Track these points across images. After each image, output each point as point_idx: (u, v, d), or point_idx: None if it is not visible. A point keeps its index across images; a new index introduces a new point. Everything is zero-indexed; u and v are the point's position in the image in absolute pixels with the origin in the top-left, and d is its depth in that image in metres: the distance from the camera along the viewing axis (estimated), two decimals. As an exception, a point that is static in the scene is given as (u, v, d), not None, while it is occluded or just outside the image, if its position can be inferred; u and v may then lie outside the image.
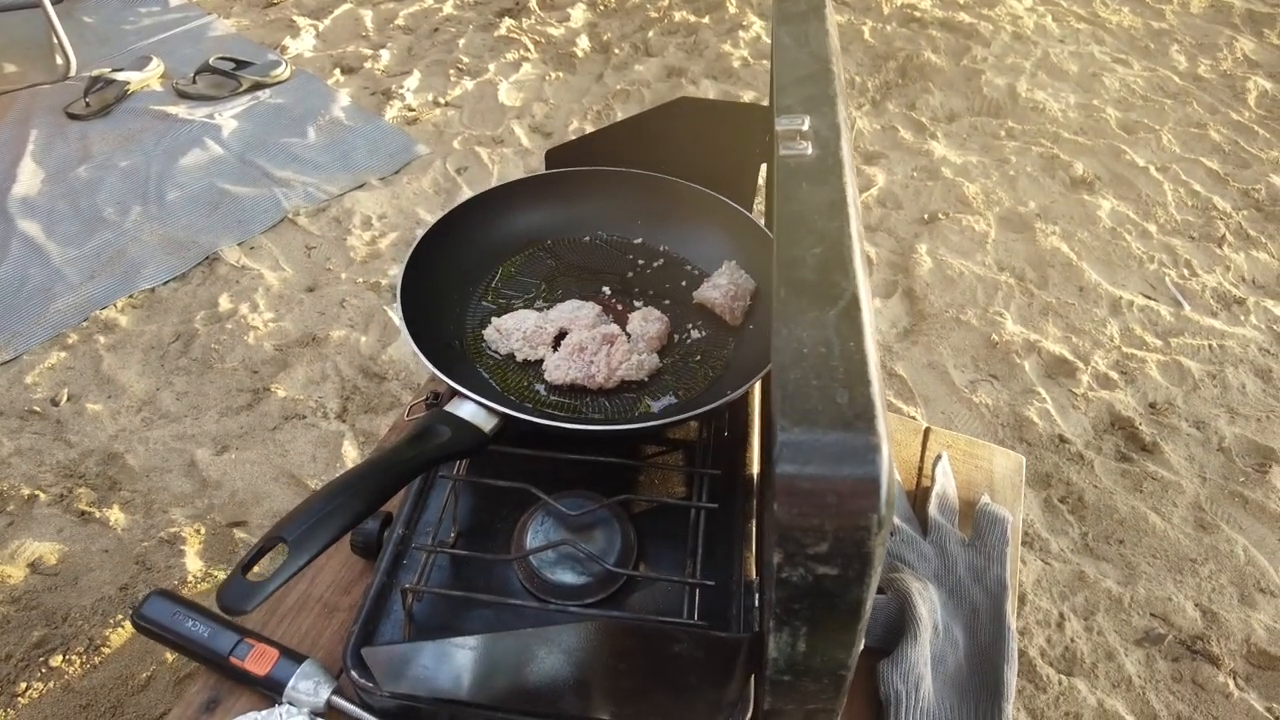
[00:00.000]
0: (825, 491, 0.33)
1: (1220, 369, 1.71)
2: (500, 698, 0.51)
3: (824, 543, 0.34)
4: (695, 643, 0.42)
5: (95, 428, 1.54)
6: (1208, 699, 1.22)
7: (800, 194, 0.47)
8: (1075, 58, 2.74)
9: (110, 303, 1.78)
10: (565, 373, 0.68)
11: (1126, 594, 1.33)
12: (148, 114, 2.36)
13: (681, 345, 0.73)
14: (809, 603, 0.36)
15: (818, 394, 0.35)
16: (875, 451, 0.33)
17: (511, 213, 0.81)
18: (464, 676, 0.49)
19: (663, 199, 0.81)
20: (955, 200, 2.10)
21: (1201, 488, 1.48)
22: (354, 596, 0.64)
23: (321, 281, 1.82)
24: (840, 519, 0.33)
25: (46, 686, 1.19)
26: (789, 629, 0.38)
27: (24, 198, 2.06)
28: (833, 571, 0.35)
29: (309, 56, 2.63)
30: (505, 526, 0.63)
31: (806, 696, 0.43)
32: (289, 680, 0.56)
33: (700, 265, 0.80)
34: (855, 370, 0.36)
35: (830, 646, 0.39)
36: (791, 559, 0.34)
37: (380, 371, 1.61)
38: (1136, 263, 1.96)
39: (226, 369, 1.64)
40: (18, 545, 1.35)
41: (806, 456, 0.33)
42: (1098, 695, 1.20)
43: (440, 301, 0.73)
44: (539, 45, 2.67)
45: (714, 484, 0.64)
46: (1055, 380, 1.67)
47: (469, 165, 2.15)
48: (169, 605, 0.60)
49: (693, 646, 0.42)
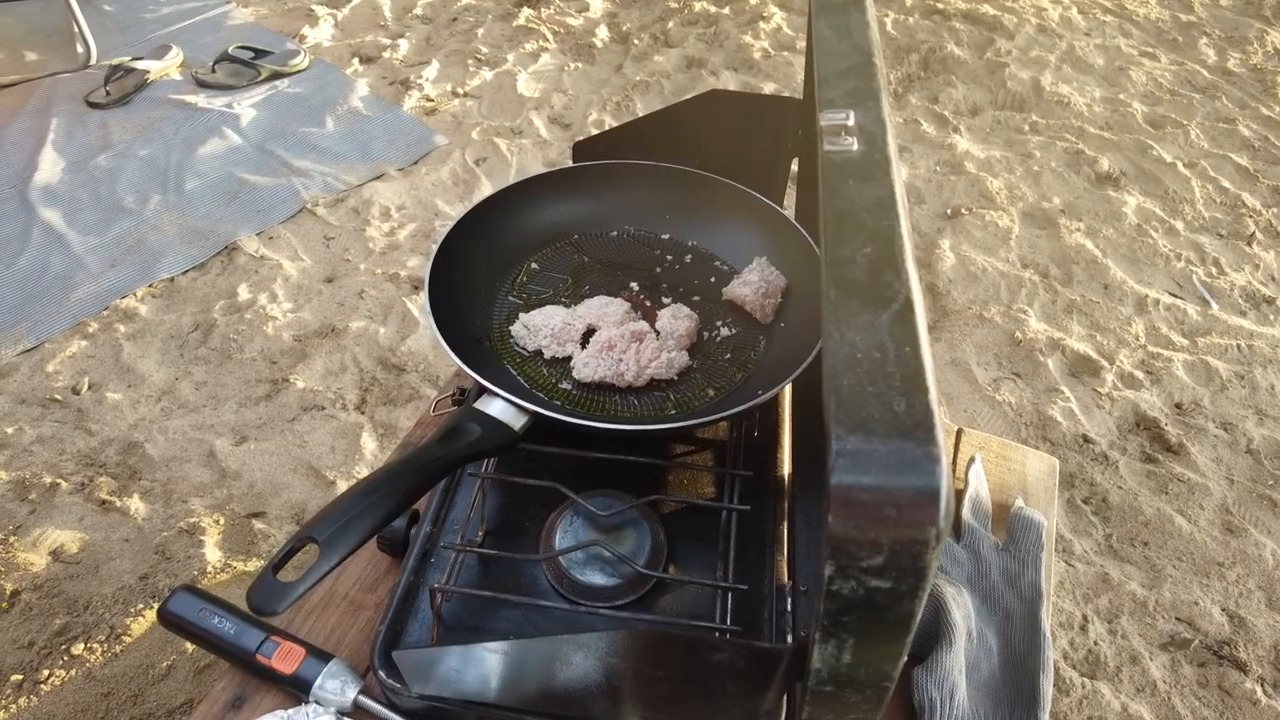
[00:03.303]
0: (883, 503, 0.32)
1: (1249, 369, 1.68)
2: (529, 702, 0.51)
3: (879, 556, 0.32)
4: (736, 652, 0.41)
5: (115, 417, 1.55)
6: (1234, 705, 1.20)
7: (847, 191, 0.45)
8: (1101, 51, 2.70)
9: (130, 291, 1.78)
10: (594, 370, 0.67)
11: (1151, 597, 1.31)
12: (167, 103, 2.36)
13: (711, 343, 0.72)
14: (858, 615, 0.35)
15: (874, 401, 0.34)
16: (935, 462, 0.32)
17: (538, 206, 0.80)
18: (493, 680, 0.48)
19: (691, 193, 0.80)
20: (978, 195, 2.07)
21: (1229, 490, 1.46)
22: (380, 594, 0.63)
23: (340, 272, 1.81)
24: (897, 531, 0.32)
25: (68, 674, 1.20)
26: (835, 640, 0.37)
27: (45, 186, 2.07)
28: (886, 585, 0.33)
29: (327, 46, 2.62)
30: (533, 525, 0.62)
31: (847, 707, 0.42)
32: (316, 679, 0.56)
33: (730, 261, 0.78)
34: (912, 376, 0.35)
35: (876, 659, 0.38)
36: (843, 571, 0.33)
37: (399, 363, 1.61)
38: (1163, 260, 1.93)
39: (245, 359, 1.64)
40: (40, 533, 1.35)
41: (864, 467, 0.32)
42: (1121, 699, 1.19)
43: (467, 296, 0.72)
44: (558, 36, 2.65)
45: (745, 485, 0.63)
46: (1079, 379, 1.64)
47: (488, 156, 2.14)
48: (195, 601, 0.60)
49: (733, 655, 0.41)
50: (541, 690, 0.49)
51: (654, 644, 0.43)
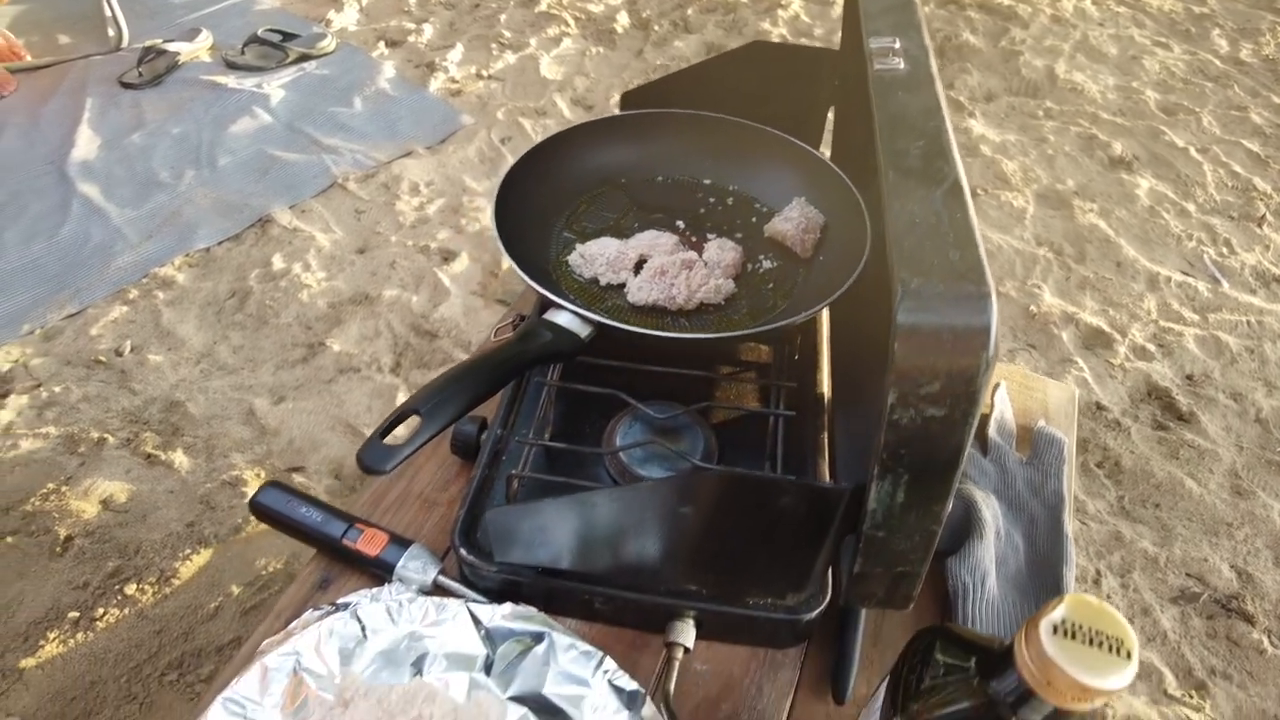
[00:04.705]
0: (942, 332, 0.37)
1: (1258, 344, 1.72)
2: (599, 564, 0.55)
3: (936, 382, 0.37)
4: (799, 494, 0.46)
5: (157, 377, 1.60)
6: (1242, 655, 1.24)
7: (898, 100, 0.50)
8: (1115, 40, 2.74)
9: (168, 261, 1.84)
10: (647, 294, 0.72)
11: (1162, 554, 1.35)
12: (198, 83, 2.42)
13: (754, 274, 0.77)
14: (914, 448, 0.40)
15: (932, 254, 0.39)
16: (986, 299, 0.37)
17: (588, 151, 0.85)
18: (569, 542, 0.53)
19: (732, 140, 0.84)
20: (993, 177, 2.11)
21: (1238, 456, 1.50)
22: (451, 493, 0.68)
23: (372, 244, 1.87)
24: (953, 359, 0.37)
25: (122, 613, 1.25)
26: (891, 476, 0.42)
27: (83, 161, 2.13)
28: (940, 413, 0.38)
29: (353, 30, 2.68)
30: (594, 431, 0.67)
31: (896, 557, 0.47)
32: (399, 561, 0.61)
33: (769, 203, 0.83)
34: (963, 235, 0.40)
35: (926, 499, 0.43)
36: (904, 400, 0.38)
37: (432, 329, 1.66)
38: (1174, 240, 1.97)
39: (281, 324, 1.69)
40: (90, 484, 1.41)
41: (925, 304, 0.37)
42: (1133, 648, 1.23)
43: (526, 231, 0.77)
44: (579, 21, 2.70)
45: (789, 395, 0.68)
46: (1092, 351, 1.69)
47: (513, 136, 2.19)
48: (283, 494, 0.65)
49: (797, 498, 0.46)
50: (611, 552, 0.54)
51: (726, 486, 0.47)
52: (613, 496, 0.49)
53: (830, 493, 0.45)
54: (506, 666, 0.55)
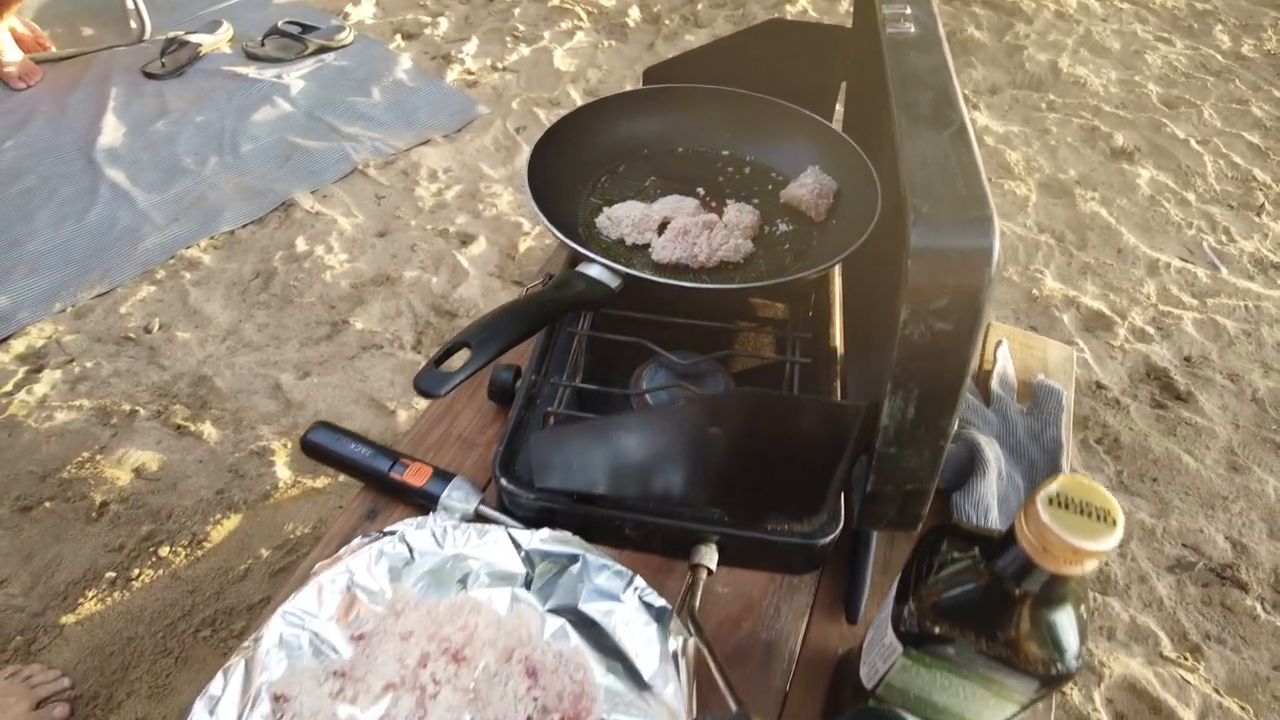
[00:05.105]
0: (950, 253, 0.41)
1: (1256, 327, 1.76)
2: (632, 489, 0.60)
3: (944, 297, 0.42)
4: (819, 411, 0.51)
5: (185, 353, 1.66)
6: (1235, 620, 1.29)
7: (909, 60, 0.55)
8: (1118, 36, 2.78)
9: (193, 243, 1.89)
10: (671, 253, 0.76)
11: (1159, 525, 1.39)
12: (219, 74, 2.48)
13: (770, 236, 0.81)
14: (923, 362, 0.45)
15: (941, 185, 0.43)
16: (989, 223, 0.42)
17: (613, 123, 0.89)
18: (606, 466, 0.58)
19: (750, 113, 0.89)
20: (997, 166, 2.16)
21: (1234, 433, 1.54)
22: (489, 435, 0.73)
23: (392, 228, 1.92)
24: (960, 276, 0.42)
25: (156, 573, 1.30)
26: (903, 391, 0.46)
27: (109, 148, 2.18)
28: (948, 327, 0.43)
29: (370, 23, 2.73)
30: (621, 378, 0.71)
31: (906, 474, 0.52)
32: (443, 492, 0.66)
33: (784, 172, 0.88)
34: (969, 170, 0.44)
35: (934, 413, 0.47)
36: (916, 315, 0.43)
37: (452, 309, 1.71)
38: (1174, 228, 2.01)
39: (305, 303, 1.74)
40: (123, 453, 1.46)
41: (935, 229, 0.42)
42: (1130, 613, 1.28)
43: (556, 196, 0.82)
44: (591, 15, 2.75)
45: (804, 345, 0.73)
46: (1093, 333, 1.73)
47: (528, 125, 2.24)
48: (332, 433, 0.70)
49: (816, 416, 0.50)
50: (642, 476, 0.58)
51: (752, 405, 0.52)
52: (649, 417, 0.53)
53: (847, 410, 0.49)
54: (545, 583, 0.60)
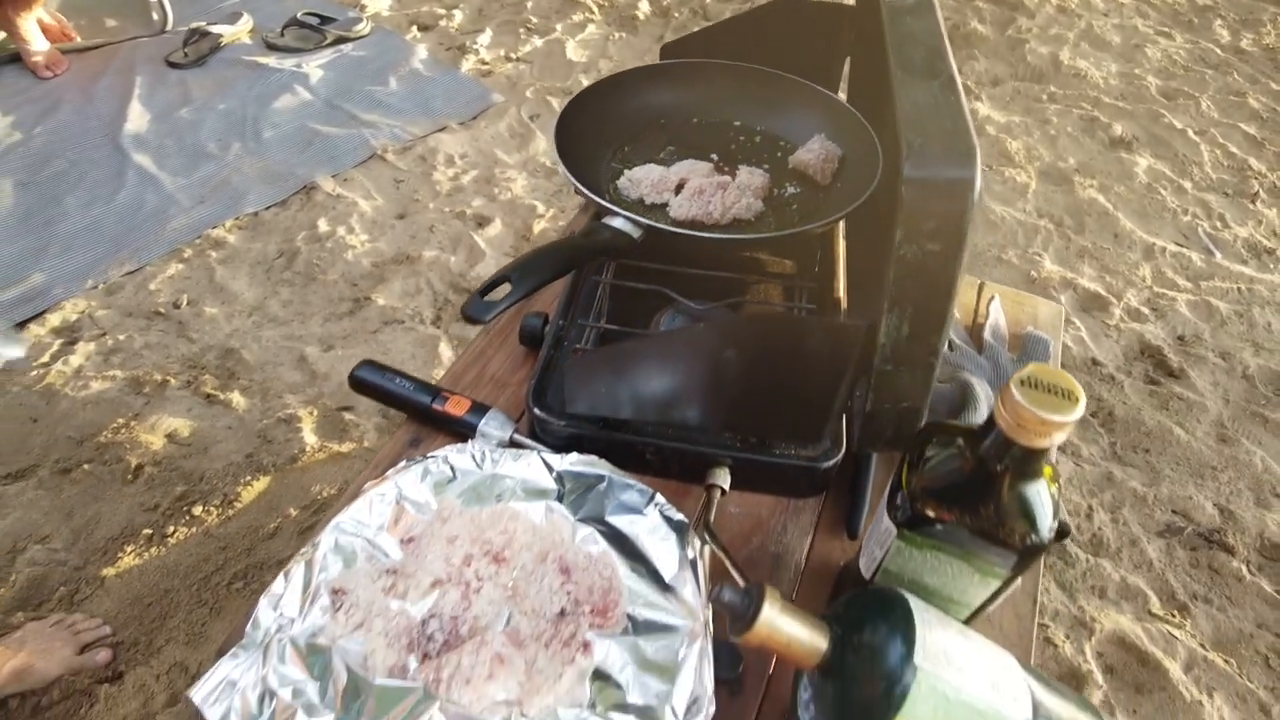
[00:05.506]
0: (938, 181, 0.48)
1: (1248, 309, 1.82)
2: (653, 414, 0.66)
3: (933, 221, 0.48)
4: (825, 331, 0.57)
5: (213, 327, 1.72)
6: (1221, 582, 1.34)
7: (906, 25, 0.61)
8: (1118, 30, 2.83)
9: (219, 223, 1.96)
10: (687, 210, 0.82)
11: (1150, 493, 1.45)
12: (240, 63, 2.55)
13: (779, 198, 0.87)
14: (915, 280, 0.51)
15: (931, 124, 0.49)
16: (971, 155, 0.48)
17: (633, 95, 0.95)
18: (631, 390, 0.64)
19: (761, 86, 0.95)
20: (998, 154, 2.21)
21: (1224, 408, 1.60)
22: (520, 376, 0.79)
23: (411, 210, 1.98)
24: (946, 203, 0.48)
25: (190, 531, 1.37)
26: (898, 310, 0.53)
27: (135, 134, 2.25)
28: (936, 247, 0.49)
29: (386, 15, 2.80)
30: (641, 323, 0.78)
31: (901, 393, 0.58)
32: (480, 421, 0.72)
33: (792, 140, 0.94)
34: (955, 112, 0.50)
35: (925, 330, 0.54)
36: (909, 236, 0.49)
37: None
38: (1170, 214, 2.06)
39: (328, 281, 1.81)
40: (155, 420, 1.53)
41: (926, 161, 0.48)
42: (1121, 573, 1.33)
43: (580, 160, 0.88)
44: (602, 9, 2.82)
45: (811, 293, 0.79)
46: (1089, 313, 1.79)
47: (541, 113, 2.31)
48: (376, 370, 0.77)
49: (822, 335, 0.57)
50: (663, 399, 0.64)
51: (765, 326, 0.59)
52: (671, 338, 0.60)
53: (850, 328, 0.55)
54: (575, 498, 0.66)
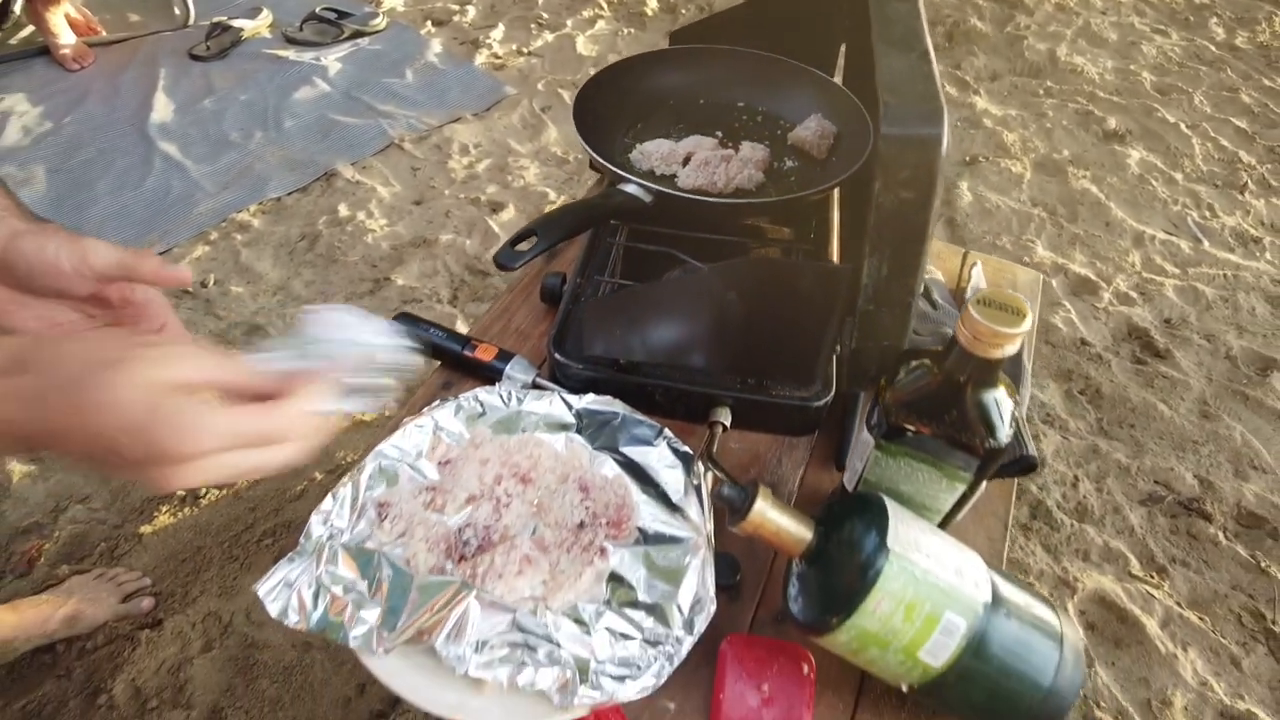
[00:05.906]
0: (912, 137, 0.55)
1: (1233, 294, 1.88)
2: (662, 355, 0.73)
3: (907, 170, 0.56)
4: (816, 273, 0.64)
5: (239, 305, 1.80)
6: (1200, 547, 1.41)
7: (891, 8, 0.69)
8: (1115, 27, 2.90)
9: (243, 208, 2.04)
10: (694, 180, 0.90)
11: (1134, 464, 1.52)
12: (261, 56, 2.63)
13: (779, 171, 0.95)
14: (893, 225, 0.58)
15: (906, 88, 0.57)
16: (940, 114, 0.55)
17: (644, 77, 1.03)
18: (642, 333, 0.71)
19: (762, 69, 1.02)
20: (995, 146, 2.28)
21: (1207, 386, 1.67)
22: (540, 329, 0.87)
23: (428, 196, 2.06)
24: (919, 155, 0.55)
25: (221, 493, 1.45)
26: (878, 254, 0.60)
27: (160, 124, 2.34)
28: (910, 195, 0.57)
29: (401, 10, 2.88)
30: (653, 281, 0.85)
31: (882, 330, 0.66)
32: (506, 366, 0.80)
33: (791, 119, 1.01)
34: (927, 78, 0.58)
35: (903, 270, 0.61)
36: (887, 186, 0.57)
37: (484, 269, 1.85)
38: (1161, 204, 2.13)
39: (349, 263, 1.89)
40: (187, 390, 1.61)
41: (900, 118, 0.55)
42: (1104, 538, 1.41)
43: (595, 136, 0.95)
44: (611, 4, 2.89)
45: (808, 256, 0.87)
46: (1079, 296, 1.86)
47: (552, 105, 2.39)
48: (412, 322, 0.85)
49: (814, 277, 0.64)
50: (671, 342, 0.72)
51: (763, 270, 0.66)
52: (680, 281, 0.67)
53: (838, 269, 0.63)
54: (592, 431, 0.74)
